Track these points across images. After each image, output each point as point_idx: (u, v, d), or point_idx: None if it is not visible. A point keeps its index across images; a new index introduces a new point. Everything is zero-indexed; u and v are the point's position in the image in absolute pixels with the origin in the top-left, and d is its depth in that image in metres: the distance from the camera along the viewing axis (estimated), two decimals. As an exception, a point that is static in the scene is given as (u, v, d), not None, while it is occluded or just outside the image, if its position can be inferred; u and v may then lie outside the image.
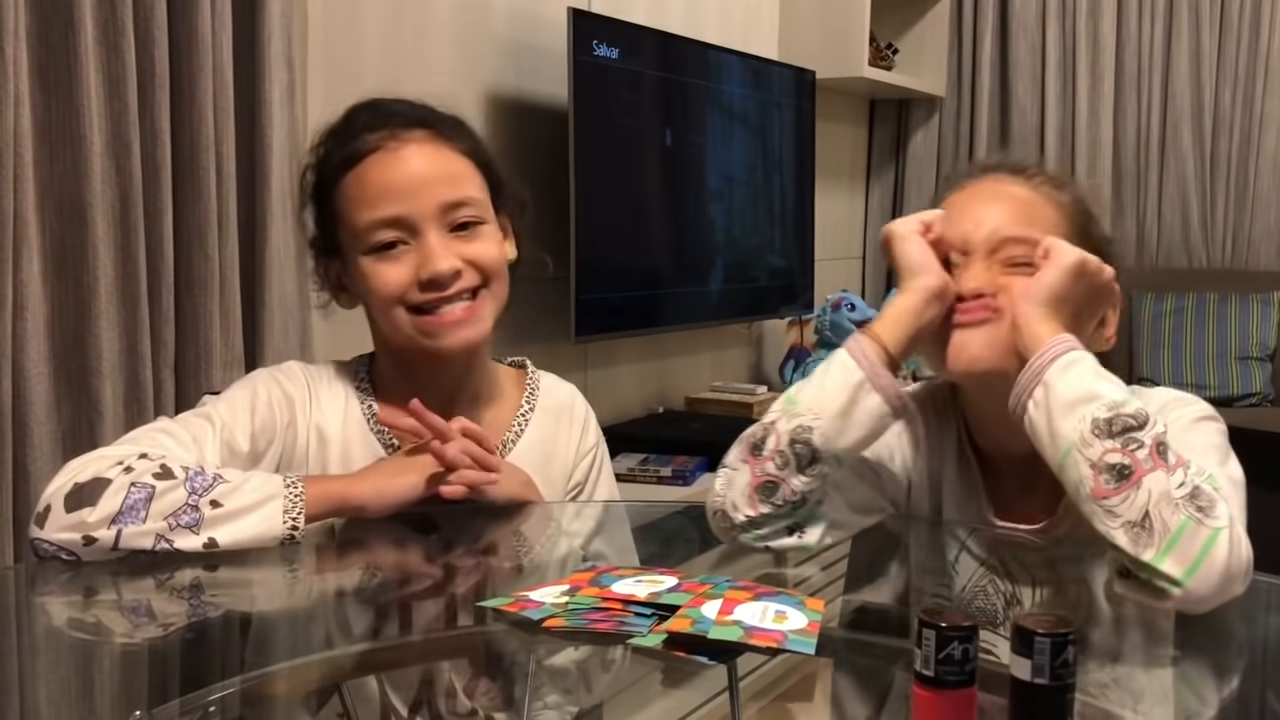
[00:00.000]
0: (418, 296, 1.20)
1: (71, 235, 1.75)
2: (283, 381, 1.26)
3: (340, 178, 1.23)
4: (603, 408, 3.19)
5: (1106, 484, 0.96)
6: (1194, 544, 0.91)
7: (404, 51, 2.43)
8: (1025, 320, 1.07)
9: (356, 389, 1.28)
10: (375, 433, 1.26)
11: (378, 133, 1.22)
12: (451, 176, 1.23)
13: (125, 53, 1.77)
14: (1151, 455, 0.95)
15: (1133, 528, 0.93)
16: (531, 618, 0.87)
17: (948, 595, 1.10)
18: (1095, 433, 0.97)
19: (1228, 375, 3.80)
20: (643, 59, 2.91)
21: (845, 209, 4.38)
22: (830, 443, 1.07)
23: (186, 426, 1.17)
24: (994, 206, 1.15)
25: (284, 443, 1.22)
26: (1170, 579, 0.91)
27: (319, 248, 1.29)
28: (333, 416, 1.26)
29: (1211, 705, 0.89)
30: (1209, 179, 4.15)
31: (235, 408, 1.21)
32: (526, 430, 1.31)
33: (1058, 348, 1.04)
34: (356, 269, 1.23)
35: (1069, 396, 1.01)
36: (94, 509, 1.04)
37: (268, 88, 1.99)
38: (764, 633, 0.82)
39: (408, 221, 1.20)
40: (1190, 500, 0.93)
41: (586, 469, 1.35)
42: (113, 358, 1.80)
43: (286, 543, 1.08)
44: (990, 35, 4.32)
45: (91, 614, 1.05)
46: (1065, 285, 1.08)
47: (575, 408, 1.37)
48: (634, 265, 2.94)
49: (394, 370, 1.29)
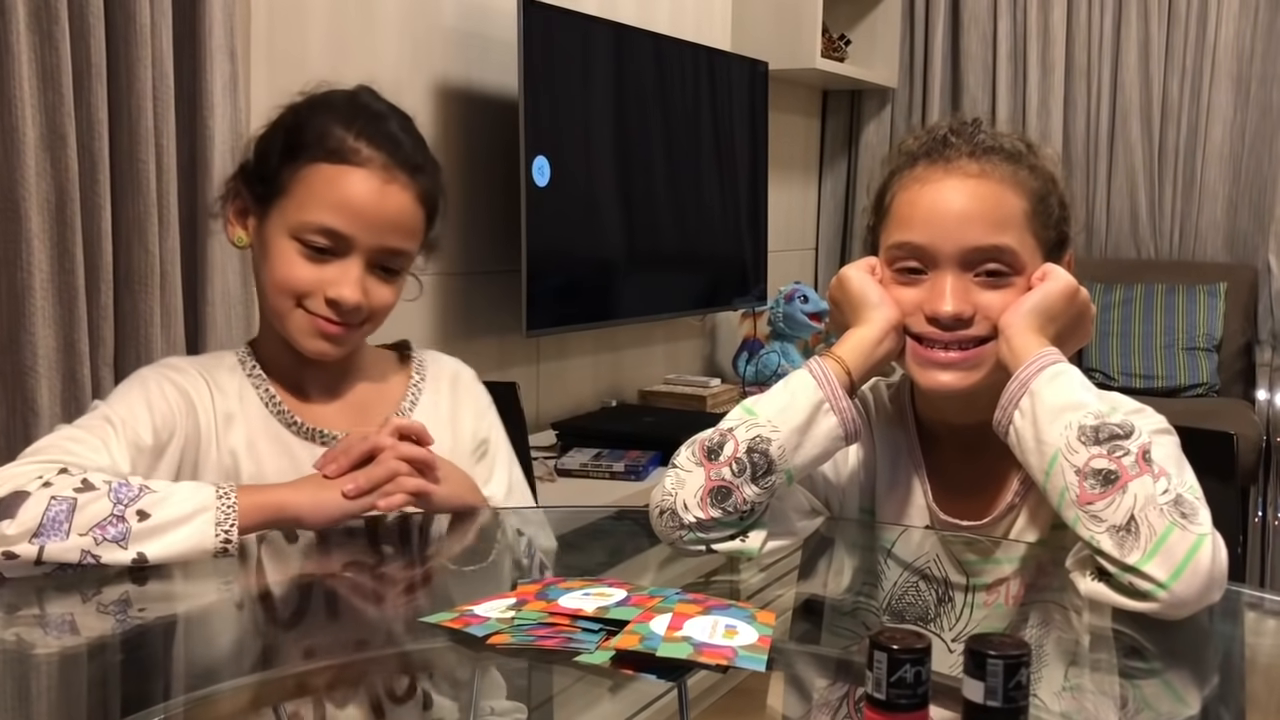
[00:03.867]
0: (315, 305, 1.22)
1: (4, 230, 1.71)
2: (171, 375, 1.25)
3: (317, 160, 1.22)
4: (555, 401, 3.18)
5: (1092, 489, 0.96)
6: (1179, 549, 0.91)
7: (350, 41, 2.39)
8: (1014, 330, 1.08)
9: (248, 375, 1.28)
10: (275, 414, 1.26)
11: (375, 150, 1.22)
12: (405, 229, 1.25)
13: (60, 42, 1.72)
14: (1138, 461, 0.96)
15: (1118, 532, 0.93)
16: (476, 634, 0.85)
17: (875, 596, 1.10)
18: (1081, 439, 0.98)
19: (1175, 366, 3.83)
20: (594, 50, 2.88)
21: (798, 200, 4.38)
22: (786, 456, 1.07)
23: (90, 431, 1.14)
24: (958, 208, 1.12)
25: (186, 432, 1.21)
26: (1155, 582, 0.91)
27: (247, 179, 1.27)
28: (232, 403, 1.25)
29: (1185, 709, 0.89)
30: (1157, 170, 4.19)
31: (132, 405, 1.19)
32: (421, 399, 1.33)
33: (1044, 359, 1.05)
34: (272, 240, 1.24)
35: (1056, 404, 1.01)
36: (13, 521, 1.01)
37: (209, 79, 1.94)
38: (714, 649, 0.80)
39: (347, 241, 1.22)
40: (1174, 506, 0.93)
41: (487, 428, 1.37)
42: (49, 356, 1.75)
43: (219, 555, 1.05)
44: (942, 27, 4.33)
45: (12, 631, 1.01)
46: (1056, 304, 1.10)
47: (462, 373, 1.40)
48: (586, 257, 2.91)
49: (278, 349, 1.29)
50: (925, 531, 1.19)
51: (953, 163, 1.14)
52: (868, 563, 1.21)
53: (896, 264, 1.15)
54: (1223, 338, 3.89)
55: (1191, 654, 0.96)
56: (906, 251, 1.14)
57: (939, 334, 1.11)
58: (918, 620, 1.00)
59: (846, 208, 4.53)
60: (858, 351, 1.12)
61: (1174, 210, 4.18)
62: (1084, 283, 1.16)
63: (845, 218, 4.54)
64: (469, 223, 2.66)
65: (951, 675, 0.66)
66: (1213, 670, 0.96)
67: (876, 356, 1.12)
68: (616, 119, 2.97)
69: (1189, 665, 0.96)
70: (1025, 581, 1.12)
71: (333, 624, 1.05)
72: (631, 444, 2.76)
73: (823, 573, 1.22)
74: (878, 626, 1.04)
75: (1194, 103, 4.13)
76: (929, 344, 1.12)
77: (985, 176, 1.12)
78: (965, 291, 1.11)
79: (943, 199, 1.13)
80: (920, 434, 1.22)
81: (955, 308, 1.10)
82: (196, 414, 1.23)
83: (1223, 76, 4.07)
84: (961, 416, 1.18)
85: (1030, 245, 1.13)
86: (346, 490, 1.13)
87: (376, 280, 1.24)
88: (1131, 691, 0.92)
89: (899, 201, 1.16)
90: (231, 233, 1.30)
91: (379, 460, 1.16)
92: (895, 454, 1.22)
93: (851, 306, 1.15)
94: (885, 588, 1.11)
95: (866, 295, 1.14)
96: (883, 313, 1.13)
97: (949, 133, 1.16)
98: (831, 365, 1.10)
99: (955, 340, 1.11)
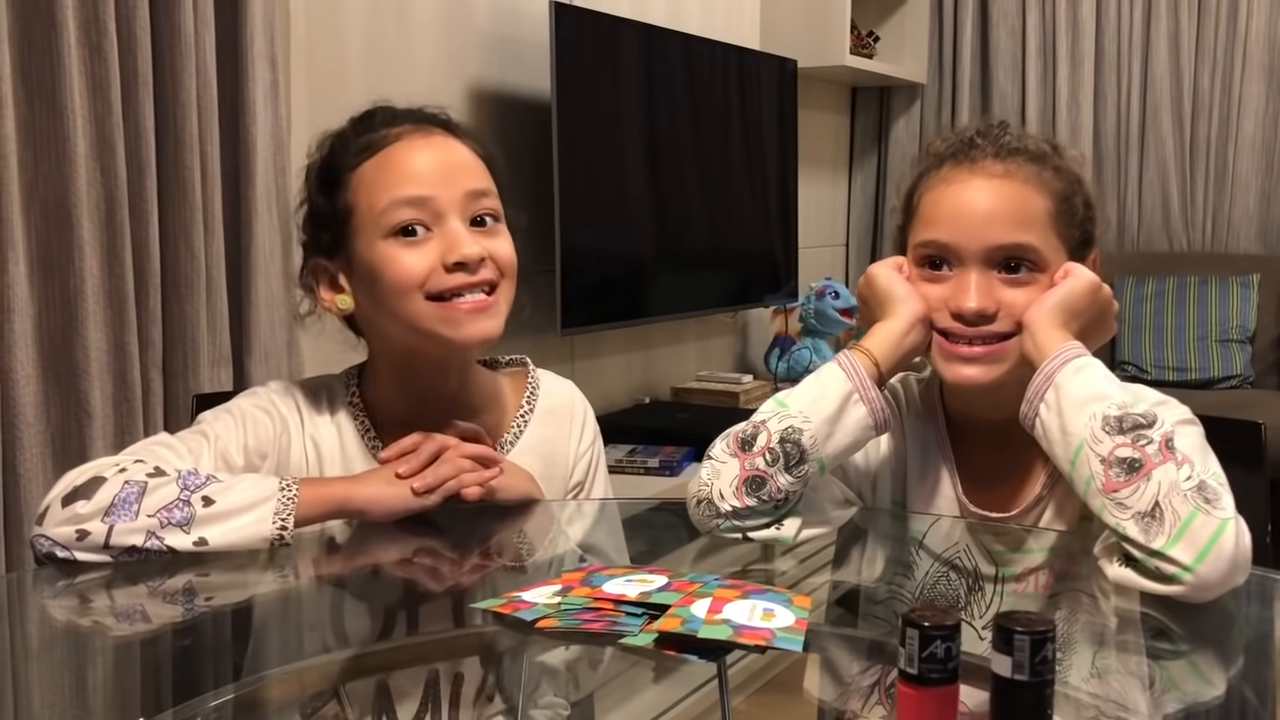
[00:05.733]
0: (442, 280, 1.16)
1: (57, 237, 1.76)
2: (274, 399, 1.25)
3: (358, 164, 1.20)
4: (589, 399, 3.21)
5: (1117, 477, 0.98)
6: (1203, 533, 0.94)
7: (386, 47, 2.43)
8: (1038, 325, 1.10)
9: (348, 404, 1.27)
10: (371, 449, 1.25)
11: (400, 126, 1.22)
12: (474, 169, 1.22)
13: (108, 53, 1.77)
14: (1161, 450, 0.98)
15: (1143, 518, 0.96)
16: (524, 619, 0.88)
17: (906, 585, 1.13)
18: (1106, 429, 1.00)
19: (1208, 358, 3.83)
20: (625, 51, 2.91)
21: (828, 197, 4.39)
22: (818, 446, 1.10)
23: (182, 441, 1.19)
24: (983, 207, 1.15)
25: (278, 457, 1.22)
26: (1181, 565, 0.93)
27: (316, 246, 1.25)
28: (327, 432, 1.26)
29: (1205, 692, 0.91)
30: (1188, 163, 4.18)
31: (228, 424, 1.21)
32: (525, 432, 1.31)
33: (1068, 353, 1.07)
34: (370, 258, 1.18)
35: (1080, 395, 1.04)
36: (88, 502, 1.06)
37: (251, 86, 1.99)
38: (752, 631, 0.83)
39: (432, 204, 1.18)
40: (1198, 492, 0.96)
41: (586, 467, 1.35)
42: (100, 359, 1.80)
43: (276, 544, 1.09)
44: (971, 22, 4.33)
45: (86, 620, 1.06)
46: (1079, 301, 1.12)
47: (575, 406, 1.36)
48: (619, 256, 2.95)
49: (389, 382, 1.27)
50: (955, 522, 1.21)
51: (978, 163, 1.17)
52: (899, 553, 1.24)
53: (923, 262, 1.18)
54: (1256, 329, 3.88)
55: (1218, 636, 0.98)
56: (933, 250, 1.17)
57: (963, 329, 1.14)
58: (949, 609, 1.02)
59: (877, 204, 4.54)
60: (885, 344, 1.15)
61: (1206, 202, 4.16)
62: (1116, 276, 1.19)
63: (876, 213, 4.55)
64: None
65: (982, 657, 0.69)
66: (1238, 652, 0.98)
67: (904, 348, 1.15)
68: (648, 119, 3.00)
69: (1215, 647, 0.98)
70: (1054, 570, 1.15)
71: (385, 611, 1.09)
72: (665, 440, 2.80)
73: (856, 561, 1.24)
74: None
75: (1225, 94, 4.11)
76: (954, 339, 1.15)
77: (1009, 177, 1.15)
78: (989, 288, 1.14)
79: (967, 198, 1.16)
80: (949, 428, 1.25)
81: (979, 304, 1.13)
82: (289, 440, 1.24)
83: (1254, 68, 4.06)
84: (989, 411, 1.20)
85: (1054, 244, 1.15)
86: (416, 487, 1.15)
87: (482, 235, 1.20)
88: (1159, 673, 0.94)
89: (926, 202, 1.19)
90: (331, 304, 1.23)
91: (444, 459, 1.18)
92: (925, 447, 1.25)
93: (879, 302, 1.19)
94: (917, 578, 1.13)
95: (893, 290, 1.17)
96: (909, 306, 1.16)
97: (975, 135, 1.19)
98: (860, 358, 1.14)
99: (979, 335, 1.14)
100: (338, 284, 1.23)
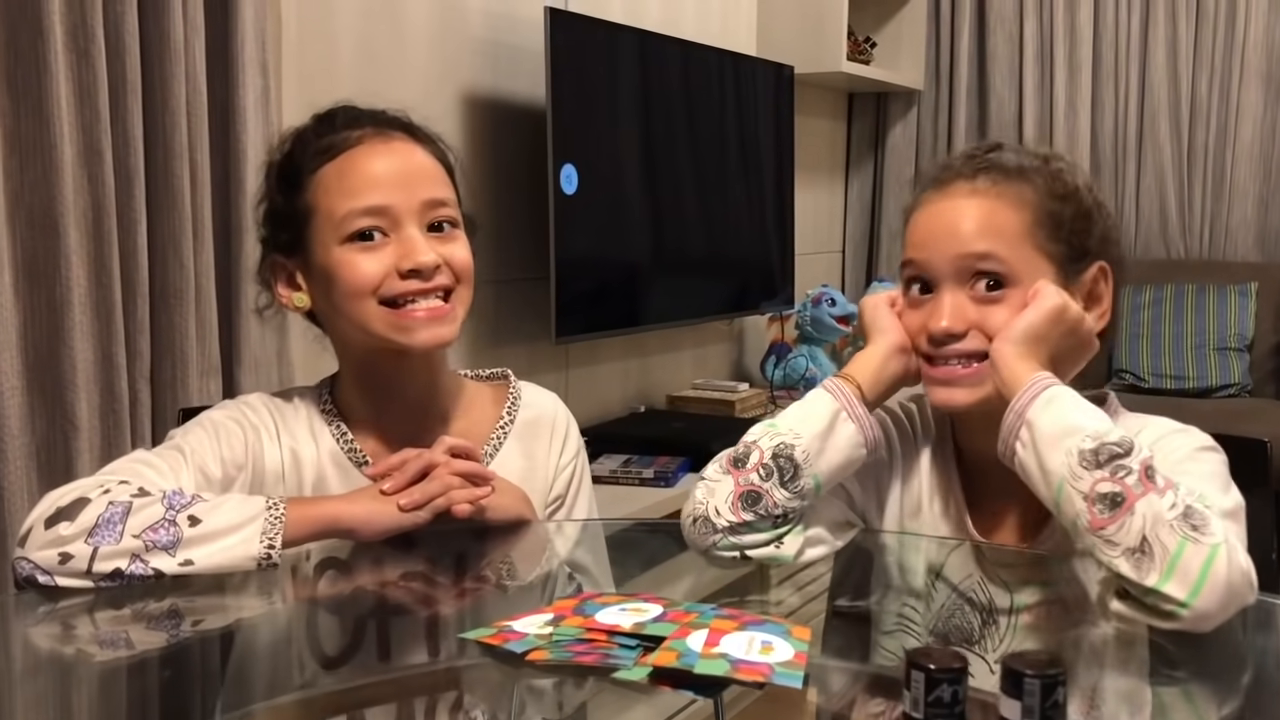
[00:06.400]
0: (396, 287, 1.18)
1: (43, 246, 1.73)
2: (246, 412, 1.25)
3: (318, 167, 1.21)
4: (584, 408, 3.18)
5: (1101, 514, 0.96)
6: (1194, 563, 0.91)
7: (379, 53, 2.41)
8: (1003, 360, 1.09)
9: (322, 413, 1.27)
10: (348, 453, 1.25)
11: (361, 129, 1.23)
12: (434, 177, 1.25)
13: (96, 59, 1.74)
14: (1141, 480, 0.96)
15: (1133, 554, 0.94)
16: (514, 650, 0.86)
17: (918, 614, 1.10)
18: (1083, 464, 0.98)
19: (1206, 366, 3.81)
20: (620, 57, 2.89)
21: (825, 203, 4.37)
22: (811, 460, 1.11)
23: (160, 457, 1.17)
24: (948, 221, 1.16)
25: (254, 468, 1.22)
26: (1177, 601, 0.92)
27: (275, 243, 1.26)
28: (304, 441, 1.25)
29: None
30: (1186, 170, 4.16)
31: (203, 437, 1.21)
32: (505, 444, 1.30)
33: (1035, 386, 1.05)
34: (326, 262, 1.20)
35: (1052, 432, 1.02)
36: (71, 523, 1.04)
37: (241, 93, 1.97)
38: (750, 666, 0.81)
39: (390, 213, 1.19)
40: (1184, 520, 0.93)
41: (566, 482, 1.33)
42: (87, 370, 1.77)
43: (264, 565, 1.07)
44: (968, 28, 4.32)
45: (69, 646, 1.03)
46: (1043, 327, 1.10)
47: (557, 419, 1.35)
48: (614, 264, 2.92)
49: (357, 391, 1.28)
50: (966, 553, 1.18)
51: (949, 185, 1.18)
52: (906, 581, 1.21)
53: (909, 288, 1.19)
54: (1254, 338, 3.86)
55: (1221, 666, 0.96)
56: (910, 271, 1.18)
57: (935, 350, 1.15)
58: (963, 642, 1.00)
59: (873, 210, 4.52)
60: (866, 370, 1.17)
61: (1204, 210, 4.15)
62: (1115, 283, 1.17)
63: (872, 220, 4.53)
64: (498, 231, 2.68)
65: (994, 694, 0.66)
66: (1238, 685, 0.96)
67: (884, 374, 1.17)
68: (643, 125, 2.98)
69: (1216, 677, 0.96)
70: (1067, 599, 1.12)
71: (374, 640, 1.06)
72: (660, 450, 2.77)
73: (858, 589, 1.22)
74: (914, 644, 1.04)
75: (1223, 101, 4.09)
76: (935, 363, 1.16)
77: (977, 194, 1.16)
78: (961, 308, 1.14)
79: (937, 216, 1.17)
80: (960, 464, 1.23)
81: (947, 323, 1.13)
82: (264, 451, 1.23)
83: (1252, 75, 4.04)
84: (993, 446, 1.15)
85: (1029, 257, 1.14)
86: (402, 504, 1.14)
87: (439, 241, 1.21)
88: (1151, 698, 0.92)
89: (908, 228, 1.21)
90: (288, 301, 1.25)
91: (433, 475, 1.16)
92: (934, 476, 1.23)
93: (865, 332, 1.22)
94: (931, 609, 1.11)
95: (875, 321, 1.20)
96: (887, 337, 1.18)
97: (958, 159, 1.20)
98: (843, 382, 1.16)
99: (952, 355, 1.14)
100: (295, 282, 1.25)
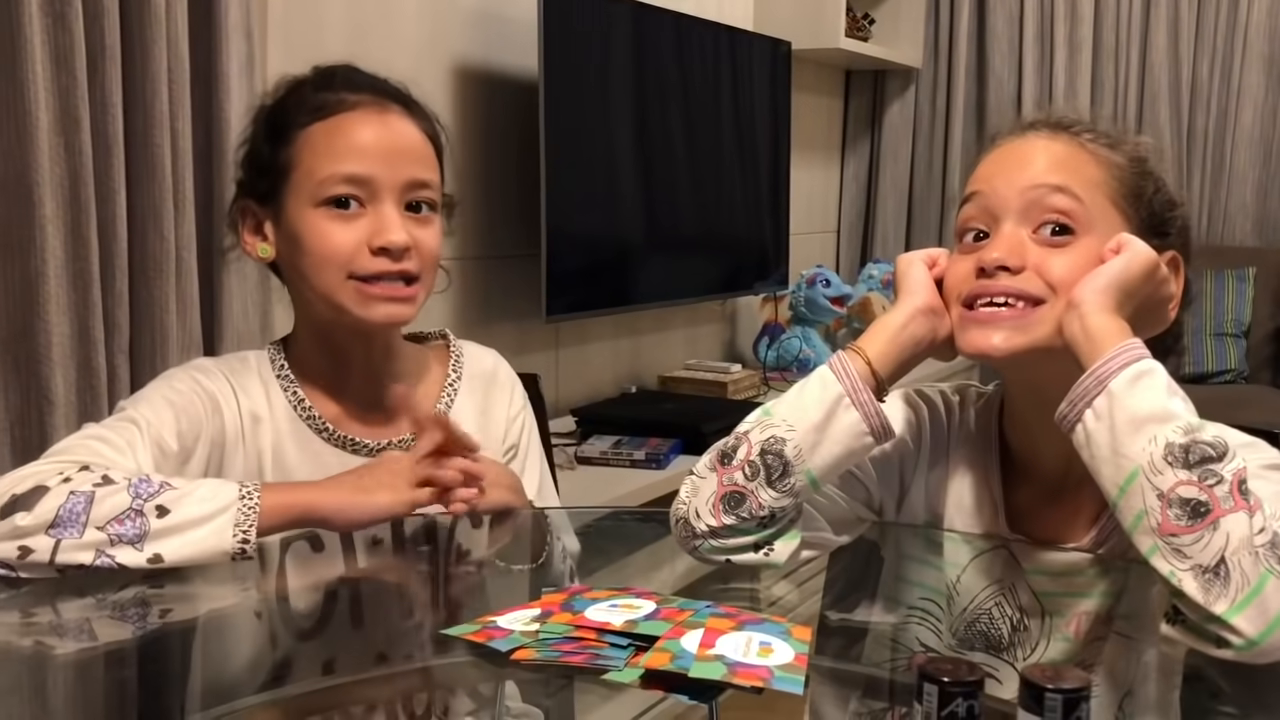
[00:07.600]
0: (365, 263, 1.17)
1: (18, 215, 1.68)
2: (198, 376, 1.21)
3: (308, 124, 1.20)
4: (575, 387, 3.14)
5: (1177, 519, 0.85)
6: (1274, 602, 0.81)
7: (368, 21, 2.35)
8: (1088, 309, 0.95)
9: (276, 376, 1.25)
10: (304, 418, 1.23)
11: (359, 94, 1.21)
12: (422, 157, 1.23)
13: (72, 23, 1.68)
14: (1233, 493, 0.84)
15: (1204, 573, 0.83)
16: (499, 649, 0.81)
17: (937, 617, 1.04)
18: (1168, 459, 0.86)
19: (1203, 352, 3.78)
20: (615, 30, 2.83)
21: (820, 182, 4.32)
22: (803, 456, 0.99)
23: (115, 431, 1.11)
24: (1023, 154, 1.05)
25: (212, 436, 1.18)
26: (1244, 636, 0.82)
27: (250, 189, 1.24)
28: (260, 404, 1.23)
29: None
30: (1186, 153, 4.12)
31: (157, 408, 1.16)
32: (456, 400, 1.31)
33: (1125, 353, 0.91)
34: (298, 221, 1.19)
35: (1139, 412, 0.89)
36: (29, 514, 0.98)
37: (224, 60, 1.91)
38: (748, 669, 0.77)
39: (371, 184, 1.18)
40: (1271, 550, 0.83)
41: (519, 431, 1.35)
42: (63, 343, 1.72)
43: (237, 558, 1.02)
44: (968, 6, 4.27)
45: (30, 639, 0.98)
46: (1135, 281, 0.97)
47: (499, 373, 1.37)
48: (606, 242, 2.87)
49: (314, 351, 1.26)
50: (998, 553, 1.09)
51: (1029, 131, 1.08)
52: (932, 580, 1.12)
53: (963, 233, 1.07)
54: (1251, 323, 3.83)
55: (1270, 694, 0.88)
56: (970, 211, 1.07)
57: (984, 285, 1.02)
58: (989, 649, 0.94)
59: (869, 190, 4.48)
60: (881, 339, 1.04)
61: (1202, 194, 4.11)
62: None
63: (868, 200, 4.48)
64: (488, 206, 2.62)
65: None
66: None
67: (901, 341, 1.03)
68: (637, 100, 2.93)
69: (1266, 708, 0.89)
70: (1104, 611, 1.03)
71: (354, 635, 1.02)
72: (652, 431, 2.72)
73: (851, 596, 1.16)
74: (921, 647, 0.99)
75: (1224, 85, 4.06)
76: (976, 305, 1.03)
77: (1059, 140, 1.06)
78: (1020, 245, 1.02)
79: (1010, 151, 1.07)
80: (1003, 461, 1.12)
81: (1002, 252, 1.01)
82: (223, 417, 1.20)
83: (1254, 58, 4.00)
84: (1050, 445, 1.05)
85: (1104, 209, 1.03)
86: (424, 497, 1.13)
87: (414, 223, 1.20)
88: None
89: (972, 174, 1.10)
90: (252, 249, 1.24)
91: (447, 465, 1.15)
92: (972, 473, 1.13)
93: (895, 292, 1.09)
94: (954, 612, 1.03)
95: (903, 280, 1.08)
96: (912, 298, 1.05)
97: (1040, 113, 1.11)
98: (853, 358, 1.03)
99: (1000, 292, 1.01)
100: (262, 231, 1.24)
